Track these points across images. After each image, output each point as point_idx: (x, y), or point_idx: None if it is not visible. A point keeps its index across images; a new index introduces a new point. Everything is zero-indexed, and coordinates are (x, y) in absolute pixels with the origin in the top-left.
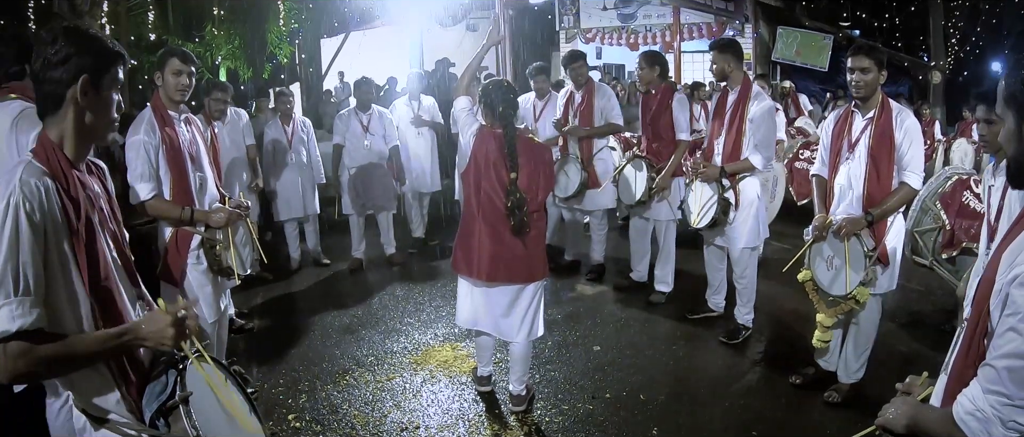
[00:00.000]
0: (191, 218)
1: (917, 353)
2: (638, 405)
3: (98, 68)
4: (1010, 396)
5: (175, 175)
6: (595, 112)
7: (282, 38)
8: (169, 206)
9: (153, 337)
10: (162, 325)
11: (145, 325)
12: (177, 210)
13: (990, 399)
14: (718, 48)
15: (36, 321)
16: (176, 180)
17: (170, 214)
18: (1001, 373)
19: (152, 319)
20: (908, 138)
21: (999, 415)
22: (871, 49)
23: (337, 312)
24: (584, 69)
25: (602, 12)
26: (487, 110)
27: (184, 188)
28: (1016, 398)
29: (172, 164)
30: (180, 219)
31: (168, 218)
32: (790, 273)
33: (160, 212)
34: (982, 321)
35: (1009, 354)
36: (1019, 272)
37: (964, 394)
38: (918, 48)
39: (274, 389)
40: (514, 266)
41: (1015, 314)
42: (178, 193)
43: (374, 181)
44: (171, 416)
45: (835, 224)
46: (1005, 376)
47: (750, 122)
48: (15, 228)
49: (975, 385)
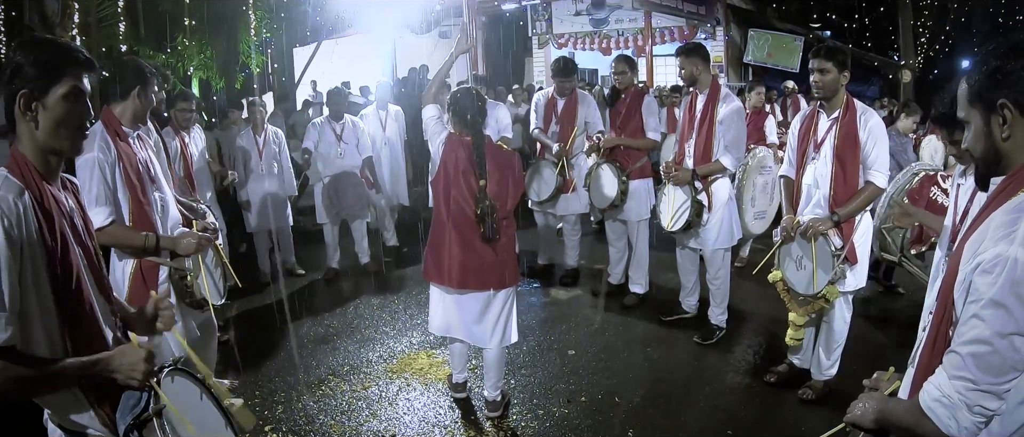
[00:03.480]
0: (157, 246)
1: (889, 348)
2: (613, 408)
3: (44, 81)
4: (975, 381)
5: (134, 197)
6: (578, 119)
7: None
8: (130, 233)
9: (124, 371)
10: (135, 360)
11: (118, 358)
12: (140, 237)
13: (956, 385)
14: (685, 53)
15: (10, 338)
16: (135, 203)
17: (132, 242)
18: (966, 359)
19: (125, 353)
20: (872, 137)
21: (965, 400)
22: (831, 51)
23: (312, 322)
24: (573, 83)
25: (574, 17)
26: (456, 118)
27: (145, 211)
28: (982, 383)
29: (130, 184)
30: (143, 248)
31: (129, 247)
32: (762, 274)
33: (119, 240)
34: (947, 312)
35: (972, 340)
36: (981, 260)
37: (930, 381)
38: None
39: (250, 400)
40: (484, 273)
41: (977, 301)
42: (139, 217)
43: (348, 190)
44: (145, 429)
45: (803, 225)
46: (970, 362)
47: (720, 124)
48: None
49: (941, 372)
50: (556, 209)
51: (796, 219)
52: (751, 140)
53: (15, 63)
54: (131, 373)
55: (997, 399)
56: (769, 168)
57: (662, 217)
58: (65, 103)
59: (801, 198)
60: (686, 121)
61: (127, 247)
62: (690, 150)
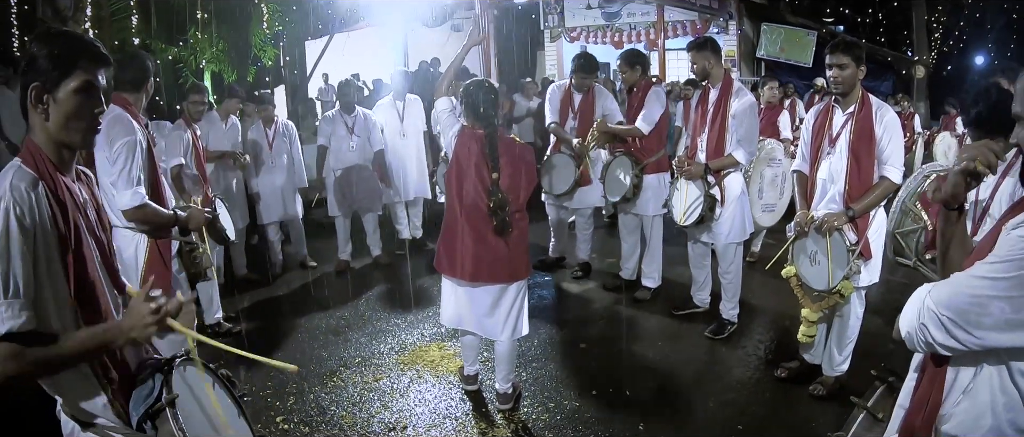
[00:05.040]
0: (176, 222)
1: (900, 345)
2: (624, 401)
3: (56, 74)
4: (942, 304)
5: (154, 179)
6: (596, 112)
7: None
8: (160, 212)
9: (137, 328)
10: (143, 312)
11: (126, 318)
12: (168, 216)
13: (933, 293)
14: (696, 48)
15: (26, 323)
16: (156, 184)
17: (160, 220)
18: (955, 283)
19: (130, 310)
20: (888, 133)
21: (930, 306)
22: (849, 46)
23: (324, 314)
24: (593, 80)
25: (586, 11)
26: (469, 111)
27: (160, 193)
28: (941, 308)
29: (152, 168)
30: (167, 224)
31: (156, 224)
32: (774, 269)
33: (152, 218)
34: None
35: (967, 279)
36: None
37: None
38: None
39: (262, 391)
40: (497, 266)
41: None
42: (155, 198)
43: (359, 183)
44: (158, 419)
45: (817, 220)
46: (954, 288)
47: (732, 118)
48: (6, 232)
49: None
50: (570, 202)
51: (810, 214)
52: (765, 134)
53: (30, 55)
54: (144, 326)
55: (946, 334)
56: (779, 161)
57: (675, 212)
58: (76, 97)
59: (815, 193)
60: (698, 115)
61: (156, 225)
62: (702, 144)
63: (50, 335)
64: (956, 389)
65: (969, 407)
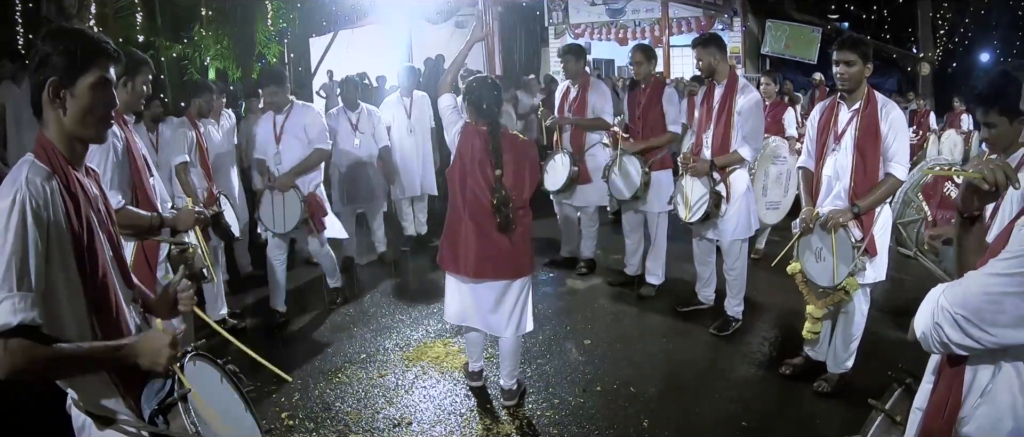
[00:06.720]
0: (161, 224)
1: (905, 343)
2: (629, 397)
3: (73, 70)
4: (957, 304)
5: (138, 180)
6: (588, 107)
7: (271, 37)
8: (138, 215)
9: (149, 356)
10: (160, 346)
11: (142, 343)
12: (147, 218)
13: (947, 293)
14: (701, 44)
15: (37, 317)
16: (138, 185)
17: (140, 224)
18: (968, 282)
19: (150, 339)
20: (893, 130)
21: (944, 305)
22: (856, 42)
23: (328, 310)
24: (571, 63)
25: (591, 7)
26: (472, 107)
27: (148, 194)
28: (956, 307)
29: (135, 169)
30: (149, 228)
31: (136, 228)
32: (779, 266)
33: (130, 222)
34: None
35: (981, 277)
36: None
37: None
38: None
39: (267, 387)
40: (500, 262)
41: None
42: (142, 200)
43: (364, 179)
44: (170, 413)
45: (822, 216)
46: (968, 287)
47: (738, 114)
48: (21, 224)
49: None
50: (574, 200)
51: (815, 211)
52: (770, 132)
53: (44, 52)
54: (156, 358)
55: (962, 334)
56: (783, 158)
57: (680, 208)
58: (92, 92)
59: (821, 189)
60: (704, 112)
61: (136, 228)
62: (708, 141)
63: (61, 338)
64: (974, 391)
65: (988, 410)
